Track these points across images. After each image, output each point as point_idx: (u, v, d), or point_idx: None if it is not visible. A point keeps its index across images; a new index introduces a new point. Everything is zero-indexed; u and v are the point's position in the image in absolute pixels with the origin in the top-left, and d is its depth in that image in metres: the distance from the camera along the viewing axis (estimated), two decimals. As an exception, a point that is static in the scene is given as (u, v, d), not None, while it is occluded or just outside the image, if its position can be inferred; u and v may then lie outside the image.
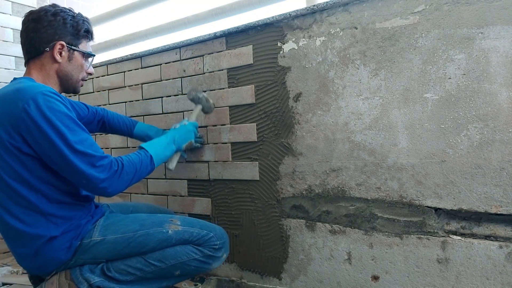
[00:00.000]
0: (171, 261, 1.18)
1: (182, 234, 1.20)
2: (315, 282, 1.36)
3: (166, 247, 1.18)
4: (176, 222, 1.23)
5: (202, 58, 1.64)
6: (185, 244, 1.21)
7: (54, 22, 1.13)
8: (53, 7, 1.15)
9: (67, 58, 1.17)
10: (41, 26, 1.12)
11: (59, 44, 1.13)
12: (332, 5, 1.28)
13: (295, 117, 1.38)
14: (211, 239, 1.23)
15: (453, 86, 1.09)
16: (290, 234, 1.42)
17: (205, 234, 1.23)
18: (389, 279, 1.22)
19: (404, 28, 1.17)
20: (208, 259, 1.22)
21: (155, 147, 1.22)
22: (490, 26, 1.04)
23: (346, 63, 1.27)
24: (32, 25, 1.12)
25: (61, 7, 1.17)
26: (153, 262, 1.17)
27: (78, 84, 1.23)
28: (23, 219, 1.04)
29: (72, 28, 1.16)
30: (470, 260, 1.08)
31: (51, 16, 1.13)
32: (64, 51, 1.15)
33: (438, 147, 1.12)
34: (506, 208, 1.03)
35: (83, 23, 1.20)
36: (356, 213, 1.27)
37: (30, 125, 0.97)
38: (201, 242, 1.22)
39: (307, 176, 1.37)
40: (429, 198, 1.14)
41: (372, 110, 1.23)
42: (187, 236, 1.21)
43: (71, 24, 1.16)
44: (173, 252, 1.18)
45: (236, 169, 1.54)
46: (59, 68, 1.16)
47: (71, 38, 1.16)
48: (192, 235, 1.21)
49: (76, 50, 1.18)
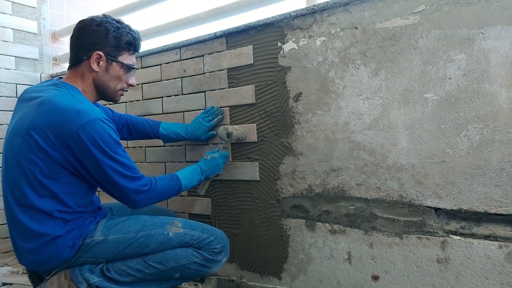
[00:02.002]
0: (171, 264, 1.18)
1: (183, 237, 1.21)
2: (315, 281, 1.36)
3: (166, 249, 1.19)
4: (177, 224, 1.24)
5: (202, 58, 1.64)
6: (186, 247, 1.21)
7: (97, 32, 1.15)
8: (100, 18, 1.18)
9: (104, 68, 1.19)
10: (84, 34, 1.16)
11: (97, 54, 1.16)
12: (333, 5, 1.28)
13: (295, 117, 1.39)
14: (212, 242, 1.24)
15: (453, 86, 1.10)
16: (290, 233, 1.42)
17: (205, 237, 1.23)
18: (388, 278, 1.22)
19: (404, 28, 1.17)
20: (208, 262, 1.23)
21: (187, 178, 1.32)
22: (491, 27, 1.04)
23: (347, 63, 1.27)
24: (77, 34, 1.17)
25: (110, 18, 1.20)
26: (153, 264, 1.17)
27: (116, 94, 1.26)
28: (32, 216, 1.07)
29: (114, 39, 1.18)
30: (470, 260, 1.09)
31: (95, 26, 1.16)
32: (102, 61, 1.17)
33: (438, 147, 1.12)
34: (506, 208, 1.04)
35: (127, 35, 1.21)
36: (356, 213, 1.27)
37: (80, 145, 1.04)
38: (202, 245, 1.22)
39: (307, 176, 1.37)
40: (429, 198, 1.14)
41: (372, 110, 1.23)
42: (188, 239, 1.21)
43: (114, 35, 1.17)
44: (173, 255, 1.19)
45: (236, 169, 1.54)
46: (95, 77, 1.19)
47: (111, 49, 1.18)
48: (192, 238, 1.22)
49: (114, 61, 1.19)
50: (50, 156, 1.04)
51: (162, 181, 1.23)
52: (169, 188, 1.24)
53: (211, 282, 1.53)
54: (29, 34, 2.40)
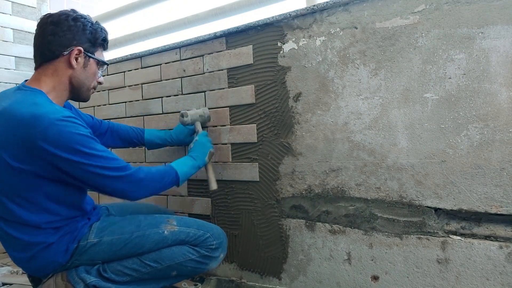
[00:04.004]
0: (167, 262, 1.17)
1: (178, 235, 1.20)
2: (315, 282, 1.36)
3: (162, 248, 1.18)
4: (172, 222, 1.22)
5: (202, 58, 1.64)
6: (182, 244, 1.20)
7: (74, 27, 1.11)
8: (73, 12, 1.15)
9: (82, 64, 1.14)
10: (60, 29, 1.10)
11: (77, 50, 1.11)
12: (332, 5, 1.28)
13: (295, 117, 1.38)
14: (208, 239, 1.23)
15: (453, 86, 1.09)
16: (289, 234, 1.41)
17: (201, 234, 1.22)
18: (388, 279, 1.21)
19: (404, 27, 1.16)
20: (204, 259, 1.22)
21: (179, 164, 1.28)
22: (491, 26, 1.04)
23: (346, 62, 1.27)
24: (50, 28, 1.10)
25: (81, 13, 1.17)
26: (149, 263, 1.16)
27: (89, 92, 1.22)
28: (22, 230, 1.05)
29: (90, 35, 1.15)
30: (470, 261, 1.08)
31: (71, 20, 1.11)
32: (80, 57, 1.13)
33: (438, 147, 1.12)
34: (506, 208, 1.03)
35: (101, 31, 1.20)
36: (355, 213, 1.27)
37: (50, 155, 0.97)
38: (198, 242, 1.21)
39: (306, 176, 1.36)
40: (429, 198, 1.14)
41: (372, 110, 1.22)
42: (183, 236, 1.20)
43: (90, 31, 1.15)
44: (169, 253, 1.18)
45: (236, 170, 1.54)
46: (72, 74, 1.13)
47: (88, 45, 1.15)
48: (188, 235, 1.21)
49: (92, 57, 1.16)
50: (24, 171, 0.99)
51: (154, 168, 1.20)
52: (163, 172, 1.20)
53: (210, 282, 1.53)
54: (29, 34, 2.40)
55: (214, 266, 1.26)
